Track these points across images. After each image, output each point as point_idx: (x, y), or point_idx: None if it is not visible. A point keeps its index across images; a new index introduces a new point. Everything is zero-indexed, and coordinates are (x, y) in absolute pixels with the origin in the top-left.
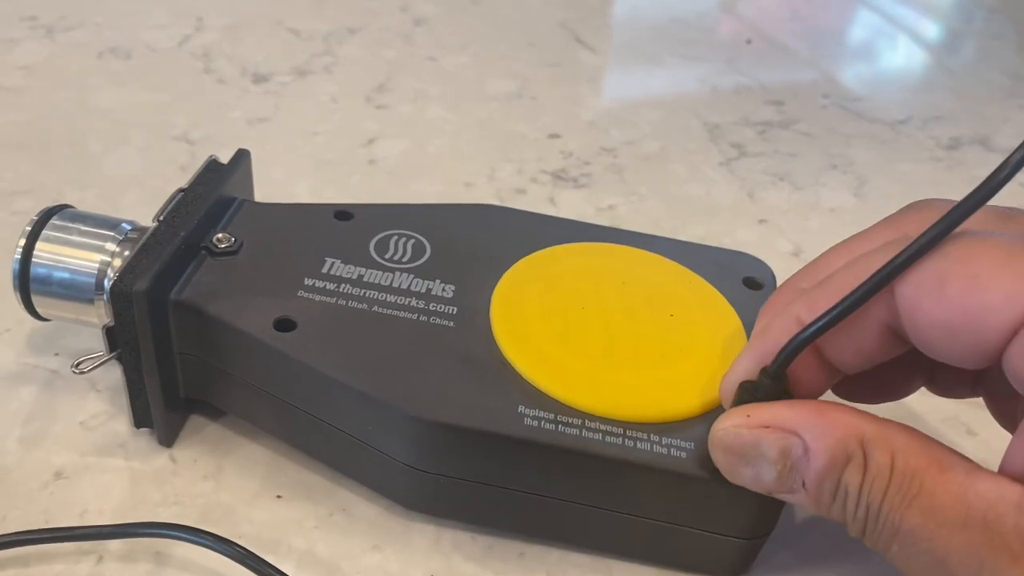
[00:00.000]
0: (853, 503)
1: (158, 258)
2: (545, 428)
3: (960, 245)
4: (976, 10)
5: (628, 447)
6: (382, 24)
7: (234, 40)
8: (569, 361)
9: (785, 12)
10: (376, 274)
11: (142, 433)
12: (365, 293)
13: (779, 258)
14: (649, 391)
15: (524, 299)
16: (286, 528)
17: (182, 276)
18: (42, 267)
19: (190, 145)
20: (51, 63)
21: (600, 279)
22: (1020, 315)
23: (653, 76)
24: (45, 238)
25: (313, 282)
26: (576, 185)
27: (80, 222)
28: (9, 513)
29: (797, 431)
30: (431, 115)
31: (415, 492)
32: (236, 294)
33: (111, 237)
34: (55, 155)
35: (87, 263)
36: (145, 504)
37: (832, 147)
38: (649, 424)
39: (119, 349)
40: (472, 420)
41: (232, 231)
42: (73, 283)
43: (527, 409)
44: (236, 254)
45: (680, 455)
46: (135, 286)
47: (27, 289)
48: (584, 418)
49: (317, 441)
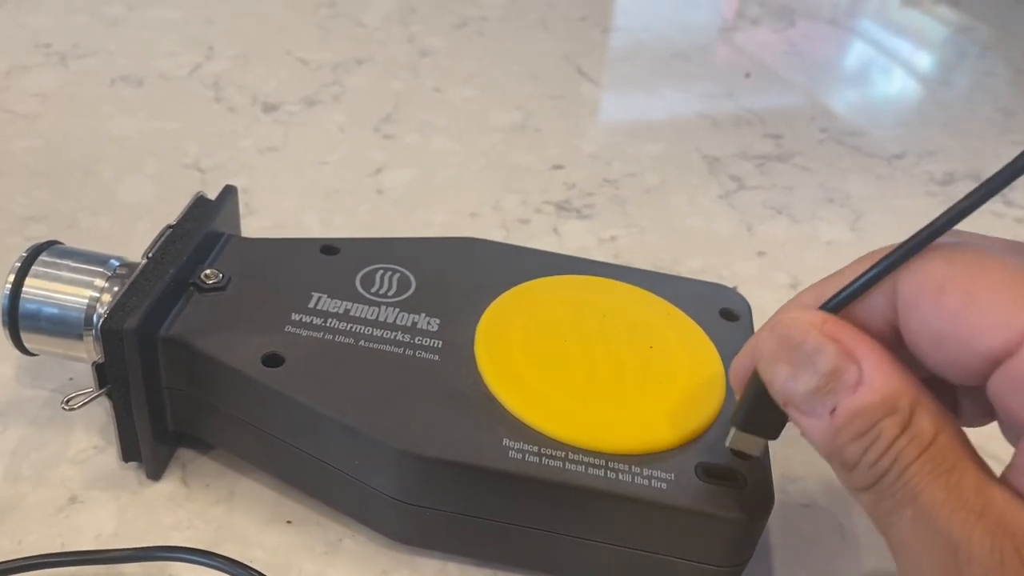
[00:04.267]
0: (880, 450)
1: (147, 295)
2: (529, 461)
3: (968, 255)
4: (969, 45)
5: (610, 479)
6: (389, 55)
7: (244, 69)
8: (552, 394)
9: (783, 45)
10: (362, 308)
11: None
12: (352, 327)
13: (777, 290)
14: (630, 423)
15: (507, 332)
16: (296, 553)
17: (171, 312)
18: (32, 303)
19: (201, 173)
20: (64, 90)
21: (581, 312)
22: (1005, 343)
23: (654, 109)
24: (34, 274)
25: (300, 317)
26: (579, 216)
27: (69, 258)
28: (25, 538)
29: (860, 360)
30: (437, 146)
31: (402, 525)
32: (224, 330)
33: (100, 273)
34: (69, 181)
35: (76, 299)
36: (158, 528)
37: (829, 181)
38: (630, 456)
39: (109, 385)
40: (458, 454)
41: (220, 267)
42: (62, 319)
43: (511, 442)
44: (224, 290)
45: (660, 486)
46: (125, 324)
47: (16, 325)
48: (567, 450)
49: (305, 475)
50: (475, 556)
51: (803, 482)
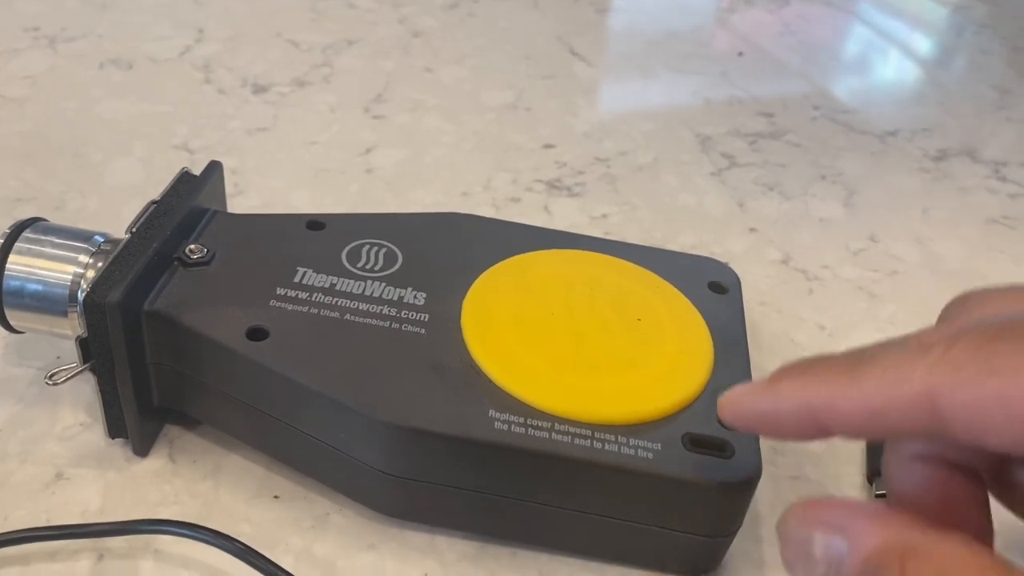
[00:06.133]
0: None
1: (131, 269)
2: (515, 432)
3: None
4: (966, 24)
5: (596, 449)
6: (380, 36)
7: (234, 51)
8: (539, 366)
9: (778, 26)
10: (348, 283)
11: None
12: (337, 302)
13: (768, 266)
14: (616, 394)
15: (494, 305)
16: (284, 528)
17: (155, 287)
18: (15, 280)
19: (191, 154)
20: (54, 73)
21: (568, 285)
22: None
23: (646, 88)
24: (18, 251)
25: (285, 291)
26: (570, 194)
27: (53, 235)
28: (11, 513)
29: (843, 530)
30: (428, 125)
31: (389, 498)
32: (209, 304)
33: (84, 249)
34: (58, 164)
35: (60, 275)
36: (145, 504)
37: (822, 158)
38: (617, 426)
39: (93, 360)
40: (444, 425)
41: (204, 242)
42: (46, 295)
43: (497, 413)
44: (208, 264)
45: (647, 456)
46: (108, 297)
47: (0, 302)
48: (553, 421)
49: (291, 449)
50: (462, 528)
51: (791, 455)
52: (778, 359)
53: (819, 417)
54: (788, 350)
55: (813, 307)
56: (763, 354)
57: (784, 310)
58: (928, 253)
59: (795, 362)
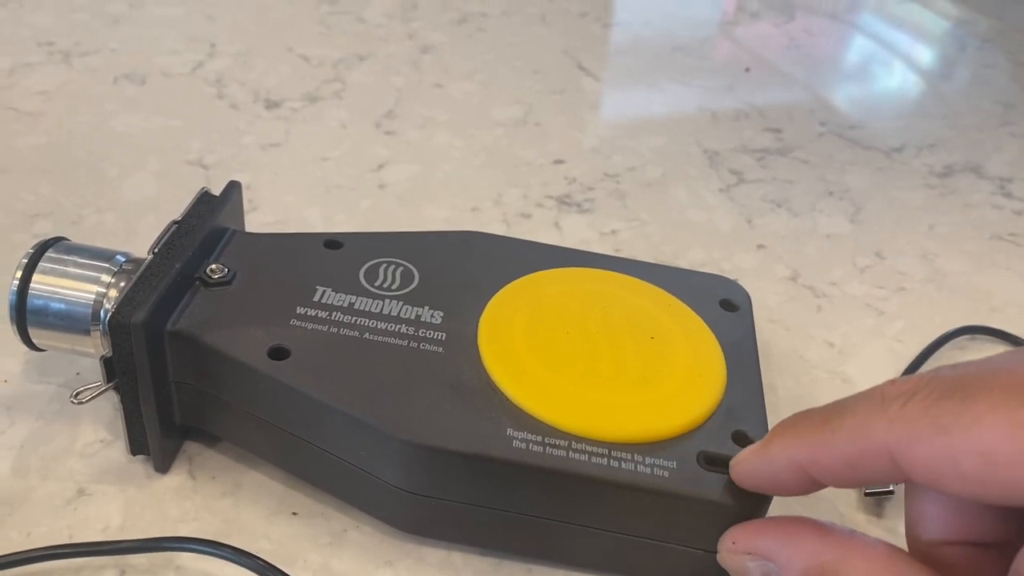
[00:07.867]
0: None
1: (154, 290)
2: (533, 450)
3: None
4: (969, 39)
5: (613, 467)
6: (390, 51)
7: (246, 66)
8: (555, 384)
9: (783, 39)
10: (367, 302)
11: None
12: (356, 320)
13: (777, 283)
14: (632, 412)
15: (510, 324)
16: (302, 544)
17: (177, 307)
18: (39, 299)
19: (205, 170)
20: (68, 88)
21: (583, 304)
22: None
23: (654, 103)
24: (41, 270)
25: (305, 311)
26: (580, 210)
27: (75, 254)
28: (34, 529)
29: (771, 557)
30: (439, 141)
31: (407, 515)
32: (230, 324)
33: (106, 269)
34: (73, 178)
35: (83, 294)
36: (165, 520)
37: (828, 174)
38: (632, 444)
39: (116, 379)
40: (462, 443)
41: (225, 262)
42: (69, 314)
43: (515, 432)
44: (230, 284)
45: (663, 474)
46: (133, 318)
47: (23, 321)
48: (570, 439)
49: (312, 466)
50: (479, 545)
51: None
52: (788, 377)
53: (807, 471)
54: (798, 368)
55: (822, 324)
56: (773, 372)
57: (793, 327)
58: (934, 269)
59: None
